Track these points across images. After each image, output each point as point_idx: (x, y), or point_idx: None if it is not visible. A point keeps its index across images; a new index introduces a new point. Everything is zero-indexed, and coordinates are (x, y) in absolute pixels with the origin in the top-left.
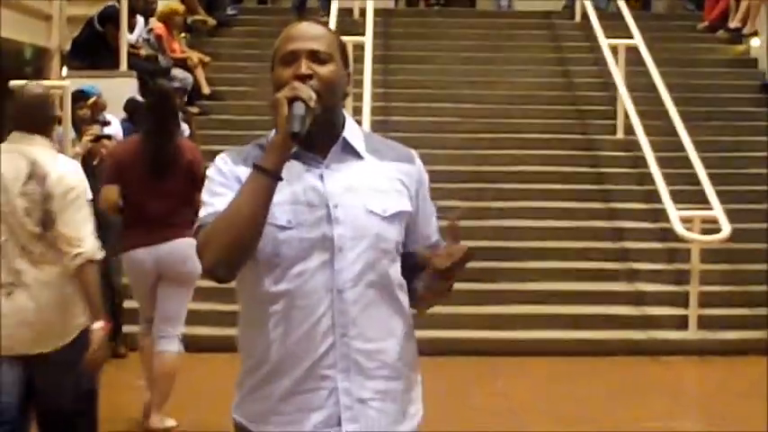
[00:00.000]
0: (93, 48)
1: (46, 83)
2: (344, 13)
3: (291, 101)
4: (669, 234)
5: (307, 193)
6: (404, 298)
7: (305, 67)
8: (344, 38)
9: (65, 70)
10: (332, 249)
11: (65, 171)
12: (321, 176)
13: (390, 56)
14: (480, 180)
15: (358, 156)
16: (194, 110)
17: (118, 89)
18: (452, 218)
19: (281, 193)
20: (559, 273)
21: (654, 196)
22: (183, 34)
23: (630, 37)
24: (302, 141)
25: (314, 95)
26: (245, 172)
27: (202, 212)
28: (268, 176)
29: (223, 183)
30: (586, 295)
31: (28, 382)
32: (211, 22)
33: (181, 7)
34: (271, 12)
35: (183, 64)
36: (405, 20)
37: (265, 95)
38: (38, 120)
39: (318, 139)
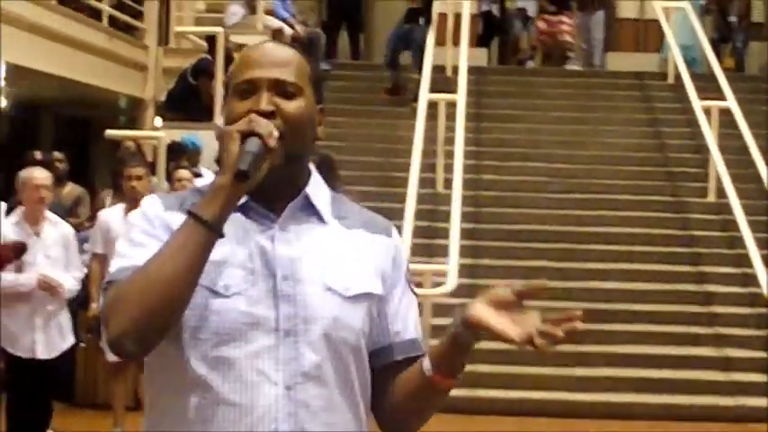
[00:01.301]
0: (187, 100)
1: (140, 133)
2: (437, 70)
3: (245, 136)
4: (759, 299)
5: (253, 258)
6: (365, 404)
7: (266, 101)
8: (437, 96)
9: (159, 121)
10: (277, 332)
11: None
12: (272, 238)
13: (482, 114)
14: (569, 240)
15: (320, 219)
16: None
17: (212, 142)
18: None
19: (220, 250)
20: (647, 336)
21: (744, 260)
22: None
23: (724, 99)
24: (253, 191)
25: (275, 133)
26: (178, 220)
27: (114, 265)
28: (205, 228)
29: (147, 230)
30: (674, 359)
31: None
32: None
33: None
34: (364, 67)
35: None
36: (497, 78)
37: (358, 150)
38: None
39: (274, 192)
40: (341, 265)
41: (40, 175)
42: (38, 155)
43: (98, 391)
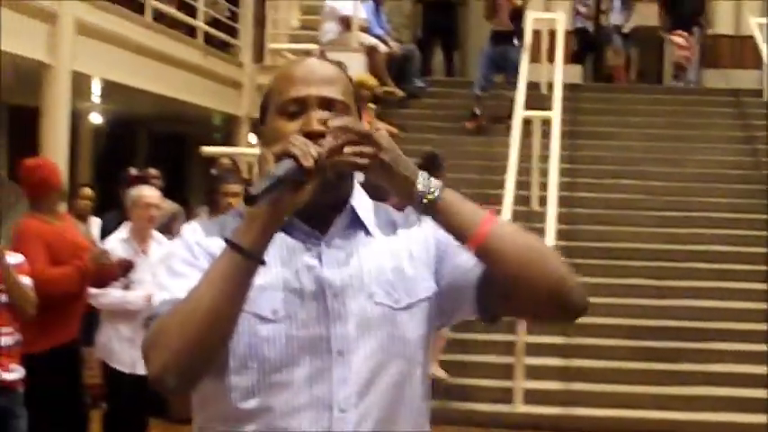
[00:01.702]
0: None
1: (235, 150)
2: (532, 87)
3: (280, 158)
4: None
5: (300, 278)
6: (424, 419)
7: (316, 121)
8: (532, 113)
9: (253, 138)
10: (330, 353)
11: None
12: (319, 256)
13: (577, 131)
14: (666, 259)
15: (366, 232)
16: None
17: None
18: None
19: (267, 274)
20: (745, 355)
21: None
22: (371, 105)
23: None
24: (300, 210)
25: (313, 152)
26: (219, 246)
27: (156, 299)
28: (244, 257)
29: (188, 260)
30: None
31: None
32: (400, 93)
33: (370, 80)
34: (459, 84)
35: None
36: (592, 95)
37: (453, 167)
38: None
39: (318, 209)
40: (388, 277)
41: (150, 193)
42: (133, 171)
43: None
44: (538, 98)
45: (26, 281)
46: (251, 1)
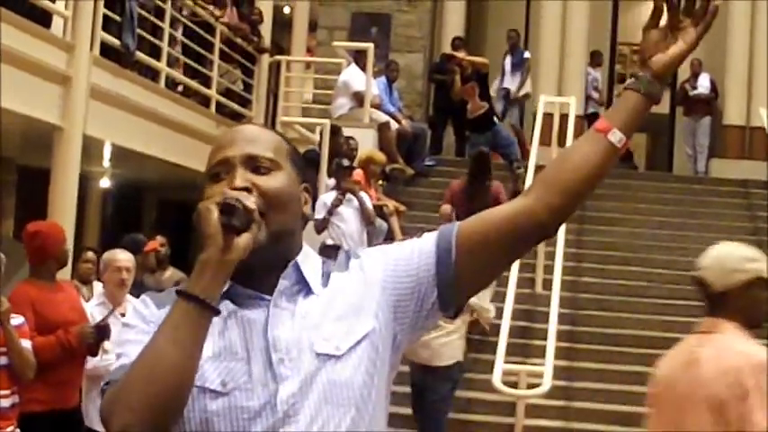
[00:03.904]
0: None
1: None
2: (541, 170)
3: (223, 208)
4: None
5: (246, 345)
6: None
7: (240, 178)
8: None
9: None
10: (277, 416)
11: None
12: (265, 320)
13: (585, 216)
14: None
15: (309, 290)
16: None
17: (311, 234)
18: None
19: (212, 342)
20: None
21: None
22: (380, 182)
23: None
24: (238, 274)
25: (254, 199)
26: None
27: (113, 367)
28: (198, 305)
29: (142, 329)
30: None
31: None
32: (409, 171)
33: (380, 156)
34: (468, 164)
35: (378, 211)
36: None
37: None
38: None
39: (261, 272)
40: (327, 326)
41: (123, 257)
42: (131, 238)
43: None
44: None
45: (26, 344)
46: (265, 73)
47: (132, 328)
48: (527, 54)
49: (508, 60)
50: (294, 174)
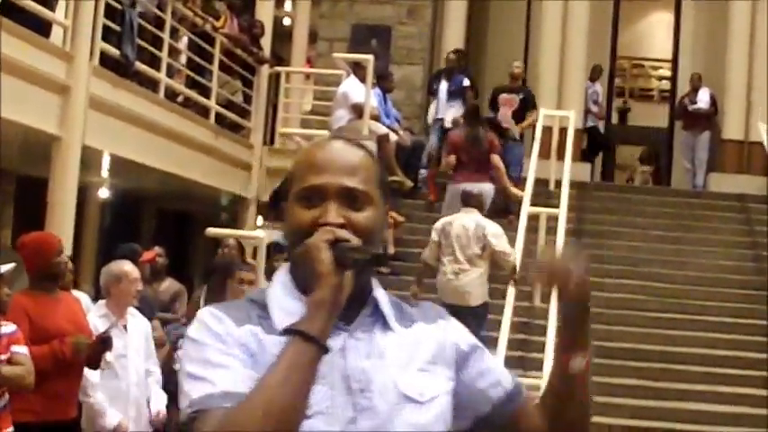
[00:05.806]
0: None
1: (241, 233)
2: (540, 183)
3: (332, 244)
4: None
5: (328, 371)
6: None
7: (335, 214)
8: (538, 209)
9: (260, 220)
10: None
11: None
12: (343, 348)
13: (583, 230)
14: (664, 360)
15: (386, 326)
16: (384, 270)
17: None
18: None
19: None
20: None
21: None
22: None
23: None
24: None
25: (360, 245)
26: (250, 336)
27: (197, 391)
28: (315, 346)
29: (223, 350)
30: None
31: None
32: (408, 183)
33: None
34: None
35: None
36: (599, 194)
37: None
38: None
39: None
40: (412, 371)
41: (132, 269)
42: (128, 247)
43: None
44: (546, 195)
45: (23, 350)
46: (264, 84)
47: (207, 347)
48: (467, 82)
49: (444, 86)
50: (382, 203)
